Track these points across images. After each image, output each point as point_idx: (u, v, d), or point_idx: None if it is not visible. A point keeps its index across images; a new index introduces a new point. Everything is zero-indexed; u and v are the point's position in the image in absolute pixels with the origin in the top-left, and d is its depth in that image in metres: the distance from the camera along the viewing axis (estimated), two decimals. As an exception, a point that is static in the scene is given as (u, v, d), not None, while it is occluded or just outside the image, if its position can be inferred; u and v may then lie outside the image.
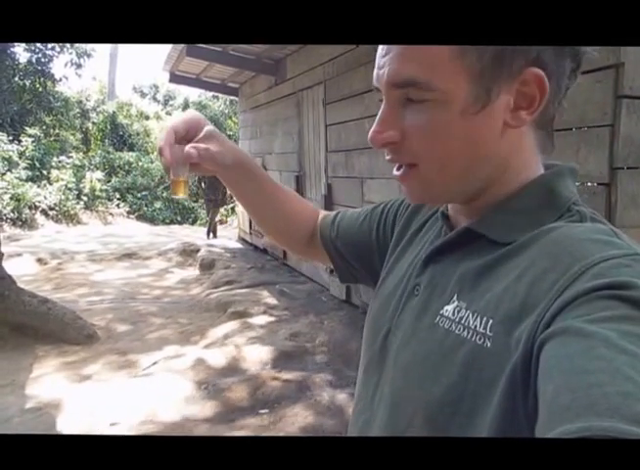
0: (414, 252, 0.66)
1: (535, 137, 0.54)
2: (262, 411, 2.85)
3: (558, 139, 0.56)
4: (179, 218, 13.57)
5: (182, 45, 5.80)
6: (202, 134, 0.69)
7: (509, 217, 0.53)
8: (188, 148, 0.66)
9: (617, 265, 0.42)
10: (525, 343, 0.42)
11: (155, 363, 3.55)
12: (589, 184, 2.17)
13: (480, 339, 0.47)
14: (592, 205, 2.40)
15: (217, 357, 3.51)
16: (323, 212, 0.90)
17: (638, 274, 0.41)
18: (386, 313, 0.63)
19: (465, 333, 0.49)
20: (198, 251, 7.42)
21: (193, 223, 13.24)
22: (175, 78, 7.87)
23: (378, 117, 0.54)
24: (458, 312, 0.51)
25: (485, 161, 0.53)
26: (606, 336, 0.37)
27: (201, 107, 16.91)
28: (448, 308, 0.53)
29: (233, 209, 11.62)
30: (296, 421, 2.74)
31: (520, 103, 0.51)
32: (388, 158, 0.55)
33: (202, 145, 0.68)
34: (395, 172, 0.56)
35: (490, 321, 0.47)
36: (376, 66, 0.54)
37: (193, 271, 6.81)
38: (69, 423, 2.75)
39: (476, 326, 0.48)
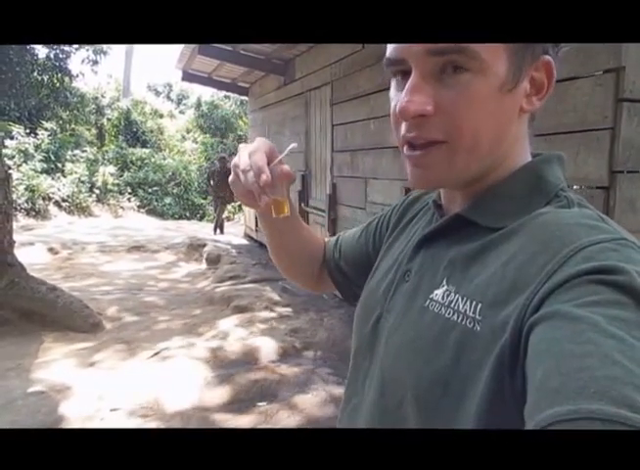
0: (405, 240, 0.67)
1: (529, 126, 0.56)
2: (260, 404, 2.89)
3: (557, 142, 0.58)
4: (188, 214, 13.70)
5: (194, 44, 5.88)
6: (278, 159, 0.66)
7: (499, 203, 0.53)
8: (284, 167, 0.64)
9: (605, 249, 0.43)
10: (513, 325, 0.43)
11: (157, 353, 3.61)
12: (587, 188, 2.16)
13: (469, 323, 0.48)
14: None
15: (219, 350, 3.56)
16: (326, 239, 0.89)
17: (625, 258, 0.42)
18: (375, 298, 0.64)
19: (455, 317, 0.49)
20: (204, 246, 7.51)
21: (201, 219, 13.35)
22: (188, 76, 7.95)
23: (408, 86, 0.49)
24: (447, 296, 0.51)
25: (504, 143, 0.52)
26: (594, 320, 0.37)
27: (213, 106, 17.03)
28: (438, 293, 0.53)
29: (240, 206, 11.70)
30: (292, 414, 2.78)
31: (532, 88, 0.52)
32: (410, 135, 0.51)
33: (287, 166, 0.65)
34: (410, 152, 0.52)
35: (480, 305, 0.47)
36: None
37: (199, 265, 6.89)
38: (71, 407, 2.80)
39: (465, 310, 0.49)
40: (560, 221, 0.48)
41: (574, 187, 2.18)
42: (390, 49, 0.51)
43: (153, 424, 2.66)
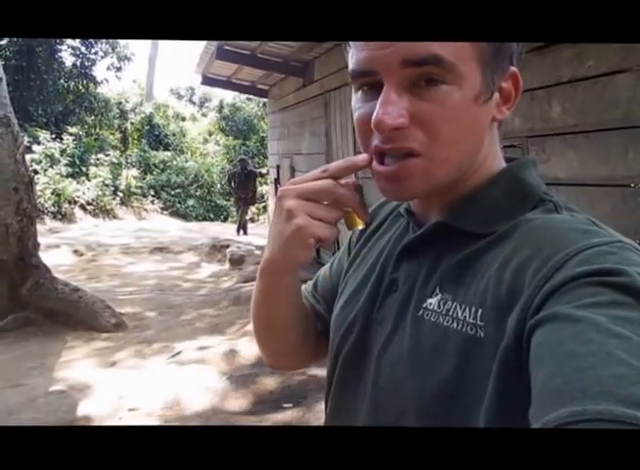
0: (377, 249, 0.64)
1: (498, 132, 0.56)
2: (287, 405, 2.83)
3: (598, 140, 0.55)
4: (211, 215, 13.84)
5: (212, 48, 5.94)
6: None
7: (482, 209, 0.53)
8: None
9: (603, 253, 0.42)
10: (514, 328, 0.43)
11: (180, 353, 3.64)
12: None
13: (471, 329, 0.47)
14: None
15: (243, 350, 3.54)
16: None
17: (624, 261, 0.41)
18: (355, 308, 0.61)
19: (455, 324, 0.48)
20: (228, 246, 7.57)
21: (224, 220, 13.47)
22: (207, 81, 8.05)
23: (382, 98, 0.48)
24: (444, 305, 0.50)
25: (477, 151, 0.53)
26: (596, 321, 0.37)
27: (235, 109, 17.19)
28: (432, 301, 0.52)
29: (265, 207, 11.78)
30: (320, 416, 2.74)
31: (501, 98, 0.53)
32: (387, 146, 0.50)
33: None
34: (380, 168, 0.51)
35: (480, 310, 0.47)
36: (371, 47, 0.48)
37: (222, 266, 6.94)
38: (90, 406, 2.85)
39: (465, 317, 0.48)
40: (552, 226, 0.48)
41: (634, 185, 2.06)
42: (359, 60, 0.50)
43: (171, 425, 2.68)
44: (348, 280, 0.67)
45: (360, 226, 0.57)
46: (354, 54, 0.50)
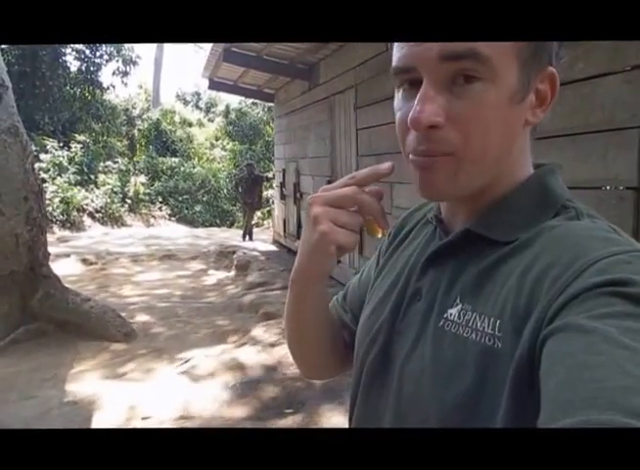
0: (404, 257, 0.64)
1: (530, 138, 0.55)
2: (288, 411, 2.89)
3: (585, 142, 0.55)
4: (218, 221, 13.91)
5: (220, 51, 5.96)
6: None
7: (507, 216, 0.53)
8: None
9: (619, 262, 0.42)
10: (529, 338, 0.43)
11: (188, 361, 3.66)
12: (617, 188, 2.09)
13: (489, 340, 0.47)
14: (619, 210, 2.27)
15: (248, 357, 3.58)
16: (330, 305, 0.76)
17: (639, 271, 0.41)
18: (380, 318, 0.61)
19: (473, 335, 0.49)
20: (234, 252, 7.60)
21: (231, 226, 13.53)
22: (214, 85, 8.08)
23: (420, 95, 0.48)
24: (464, 316, 0.51)
25: (509, 156, 0.52)
26: (607, 332, 0.37)
27: (241, 114, 17.25)
28: (452, 312, 0.52)
29: (269, 212, 11.80)
30: (320, 421, 2.77)
31: (536, 100, 0.51)
32: (421, 148, 0.50)
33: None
34: (414, 157, 0.51)
35: (498, 322, 0.47)
36: (408, 44, 0.49)
37: (229, 273, 6.97)
38: (105, 417, 2.86)
39: (484, 328, 0.48)
40: (572, 233, 0.48)
41: (605, 188, 2.11)
42: (400, 57, 0.50)
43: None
44: (375, 289, 0.67)
45: (379, 235, 0.58)
46: (396, 52, 0.51)
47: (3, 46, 10.68)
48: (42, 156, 11.06)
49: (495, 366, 0.46)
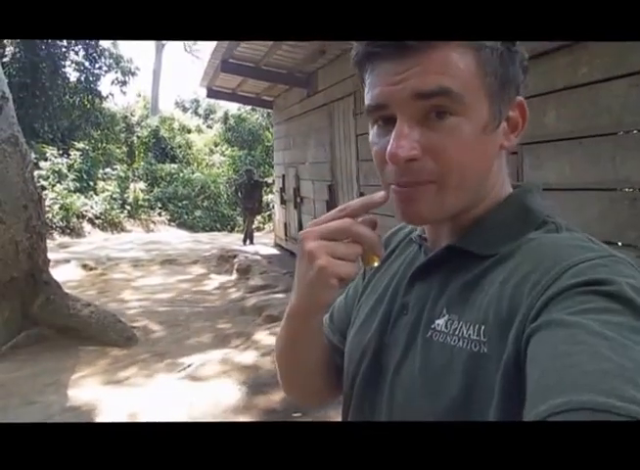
0: (388, 274, 0.67)
1: (505, 159, 0.59)
2: (296, 415, 2.85)
3: (592, 145, 0.58)
4: (218, 226, 13.93)
5: (217, 62, 6.00)
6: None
7: (489, 232, 0.56)
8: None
9: (595, 266, 0.46)
10: (514, 341, 0.45)
11: (190, 366, 3.66)
12: (628, 190, 2.09)
13: (475, 346, 0.49)
14: (632, 211, 2.28)
15: (251, 361, 3.56)
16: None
17: (615, 272, 0.45)
18: (368, 335, 0.63)
19: (460, 343, 0.51)
20: (235, 257, 7.60)
21: (231, 230, 13.54)
22: (213, 93, 8.12)
23: (395, 132, 0.51)
24: (451, 325, 0.53)
25: (488, 178, 0.56)
26: (587, 325, 0.40)
27: (240, 120, 17.30)
28: (439, 322, 0.54)
29: (270, 216, 11.83)
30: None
31: (508, 127, 0.56)
32: (403, 180, 0.52)
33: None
34: (397, 188, 0.54)
35: (482, 327, 0.49)
36: (383, 83, 0.51)
37: (230, 277, 6.96)
38: (108, 421, 2.86)
39: (469, 335, 0.50)
40: (551, 243, 0.51)
41: (619, 190, 2.12)
42: (373, 95, 0.53)
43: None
44: (361, 307, 0.69)
45: (376, 263, 0.57)
46: (369, 90, 0.54)
47: (4, 59, 10.76)
48: (42, 163, 11.07)
49: (483, 371, 0.48)
